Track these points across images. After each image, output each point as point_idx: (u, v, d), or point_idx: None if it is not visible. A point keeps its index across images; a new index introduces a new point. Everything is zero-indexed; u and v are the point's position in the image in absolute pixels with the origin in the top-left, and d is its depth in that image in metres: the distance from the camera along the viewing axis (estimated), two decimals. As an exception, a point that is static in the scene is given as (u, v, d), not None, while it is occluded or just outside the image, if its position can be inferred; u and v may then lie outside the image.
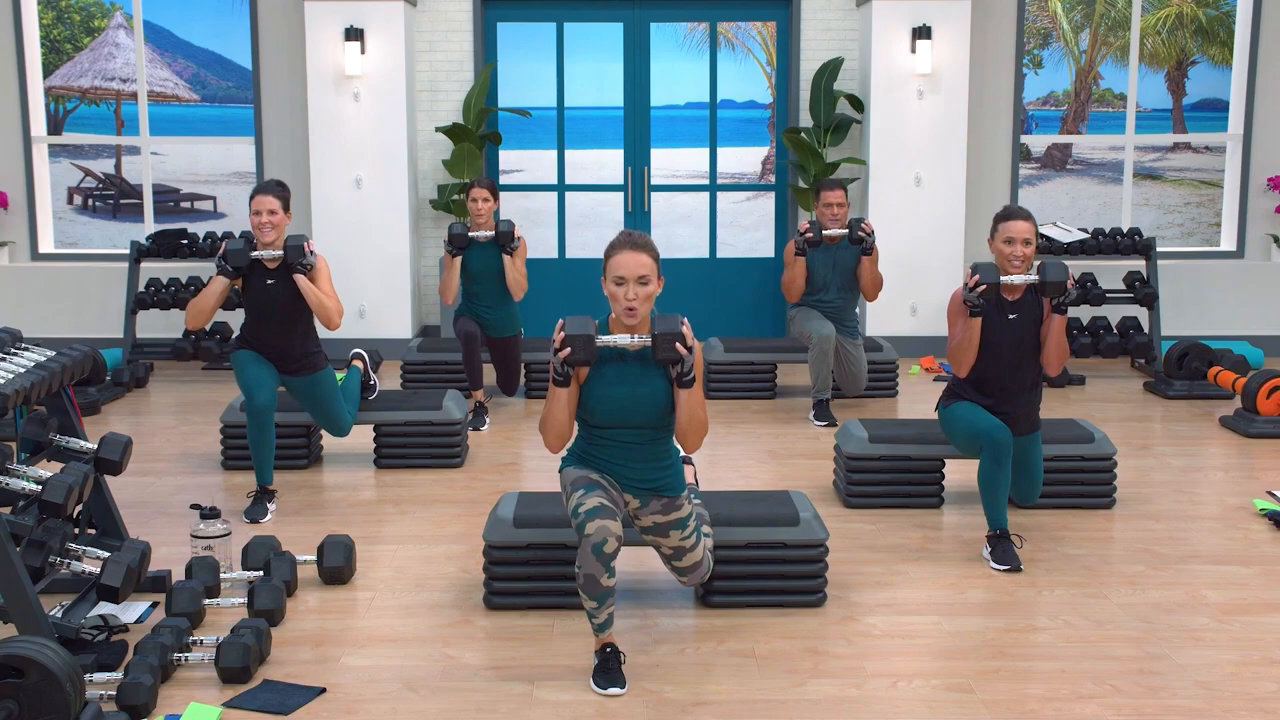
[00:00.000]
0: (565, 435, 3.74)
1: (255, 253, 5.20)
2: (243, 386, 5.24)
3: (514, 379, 7.22)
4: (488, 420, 6.91)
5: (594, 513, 3.56)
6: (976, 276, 4.55)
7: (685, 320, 3.66)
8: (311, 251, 5.21)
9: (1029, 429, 4.81)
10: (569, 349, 3.61)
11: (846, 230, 6.85)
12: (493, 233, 6.79)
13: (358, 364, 5.97)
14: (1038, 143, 9.44)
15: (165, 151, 9.38)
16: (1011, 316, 4.69)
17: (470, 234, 6.80)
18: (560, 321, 3.64)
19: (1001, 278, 4.59)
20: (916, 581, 4.47)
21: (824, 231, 6.83)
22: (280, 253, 5.19)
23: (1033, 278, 4.60)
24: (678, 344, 3.61)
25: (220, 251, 5.19)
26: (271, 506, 5.27)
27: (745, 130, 9.42)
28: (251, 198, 5.21)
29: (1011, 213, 4.67)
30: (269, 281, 5.25)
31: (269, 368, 5.33)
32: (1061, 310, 4.60)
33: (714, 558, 4.12)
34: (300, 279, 5.20)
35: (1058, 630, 4.02)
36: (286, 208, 5.25)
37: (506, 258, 6.79)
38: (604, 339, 3.66)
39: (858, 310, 7.12)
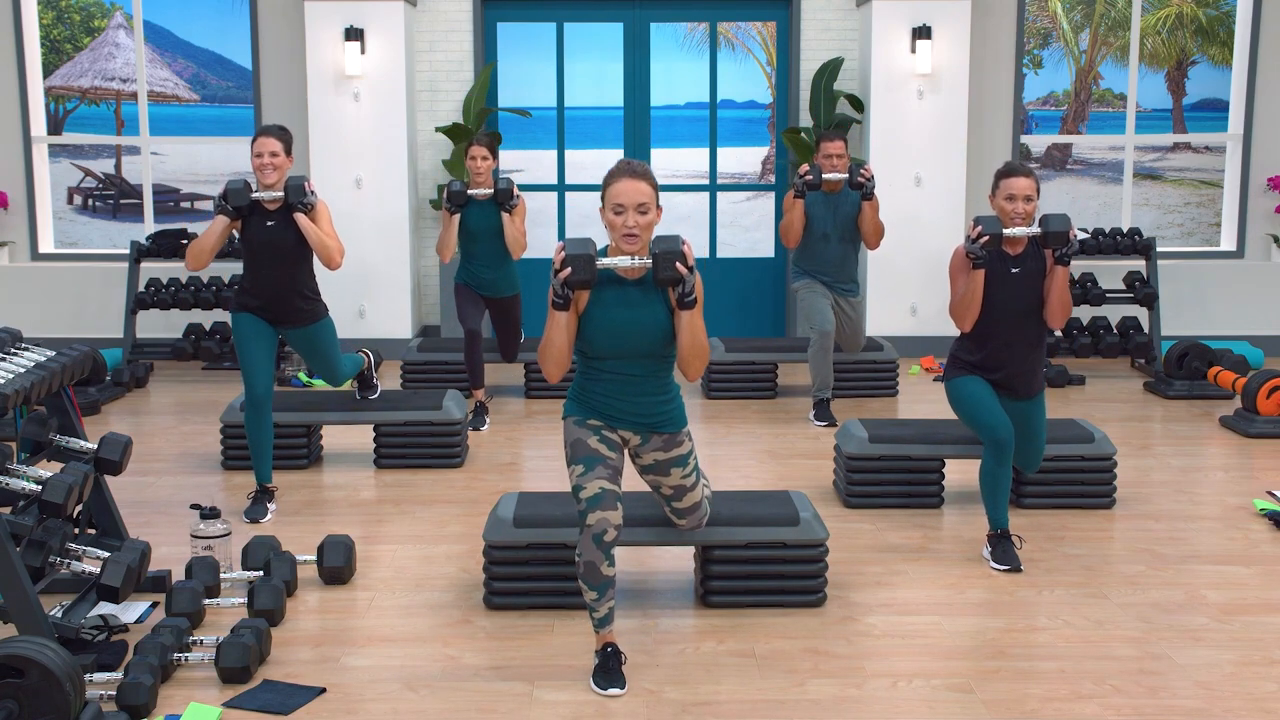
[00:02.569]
0: (564, 362, 3.66)
1: (256, 193, 5.14)
2: (242, 367, 5.21)
3: (514, 341, 7.16)
4: (488, 420, 6.90)
5: (596, 501, 3.57)
6: (979, 228, 4.48)
7: (687, 241, 3.62)
8: (312, 191, 5.16)
9: (1033, 390, 4.73)
10: (569, 269, 3.55)
11: (846, 176, 6.78)
12: (491, 190, 6.71)
13: (362, 353, 5.95)
14: (1038, 143, 9.44)
15: (165, 151, 9.38)
16: (1014, 270, 4.60)
17: (469, 191, 6.73)
18: (559, 243, 3.59)
19: (1004, 230, 4.53)
20: (916, 581, 4.47)
21: (824, 175, 6.75)
22: (281, 194, 5.13)
23: (1035, 230, 4.53)
24: (678, 263, 3.55)
25: (221, 192, 5.13)
26: (271, 506, 5.27)
27: (745, 130, 9.42)
28: (253, 140, 5.16)
29: (1013, 169, 4.59)
30: (269, 223, 5.18)
31: (267, 342, 5.25)
32: (1064, 262, 4.53)
33: (711, 507, 4.14)
34: (301, 218, 5.13)
35: (1058, 630, 4.02)
36: (288, 151, 5.19)
37: (505, 216, 6.71)
38: (604, 260, 3.61)
39: (859, 290, 7.05)
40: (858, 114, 8.90)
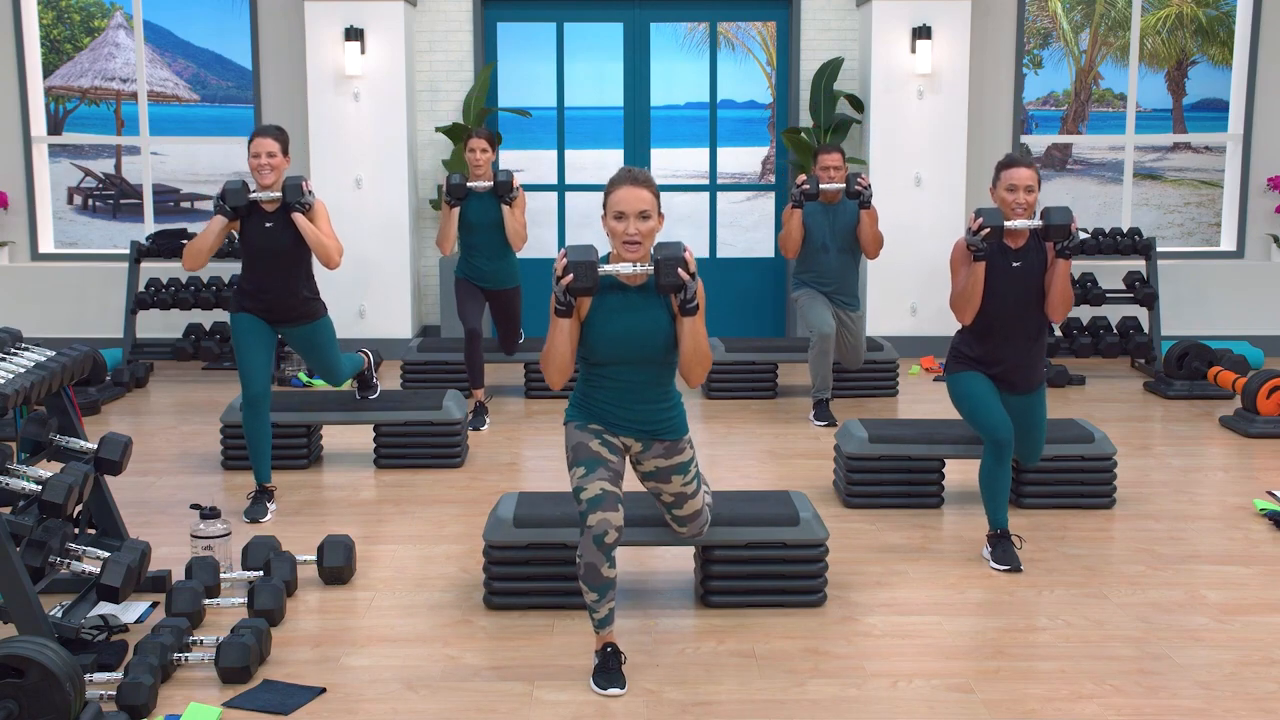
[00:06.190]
0: (567, 369, 3.68)
1: (254, 194, 5.14)
2: (240, 368, 5.21)
3: (514, 334, 7.17)
4: (488, 420, 6.90)
5: (596, 503, 3.57)
6: (980, 219, 4.46)
7: (688, 248, 3.62)
8: (310, 191, 5.15)
9: (1033, 384, 4.72)
10: (571, 275, 3.56)
11: (843, 186, 6.80)
12: (491, 183, 6.71)
13: (362, 353, 5.95)
14: (1038, 143, 9.44)
15: (165, 151, 9.38)
16: (1015, 264, 4.59)
17: (468, 184, 6.72)
18: (562, 250, 3.60)
19: (1005, 222, 4.52)
20: (916, 581, 4.47)
21: (821, 186, 6.77)
22: (278, 194, 5.12)
23: (1036, 223, 4.52)
24: (680, 270, 3.56)
25: (219, 192, 5.13)
26: (271, 506, 5.27)
27: (745, 130, 9.42)
28: (250, 140, 5.15)
29: (1014, 160, 4.58)
30: (268, 224, 5.18)
31: (266, 343, 5.24)
32: (1065, 255, 4.51)
33: (711, 515, 4.13)
34: (299, 218, 5.13)
35: (1058, 630, 4.02)
36: (285, 151, 5.18)
37: (505, 208, 6.71)
38: (606, 267, 3.61)
39: (859, 304, 7.08)
40: (858, 114, 8.89)
